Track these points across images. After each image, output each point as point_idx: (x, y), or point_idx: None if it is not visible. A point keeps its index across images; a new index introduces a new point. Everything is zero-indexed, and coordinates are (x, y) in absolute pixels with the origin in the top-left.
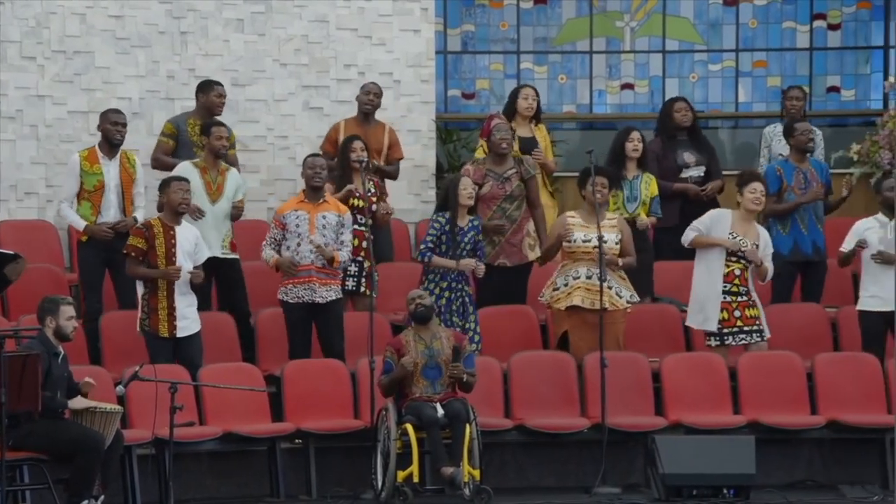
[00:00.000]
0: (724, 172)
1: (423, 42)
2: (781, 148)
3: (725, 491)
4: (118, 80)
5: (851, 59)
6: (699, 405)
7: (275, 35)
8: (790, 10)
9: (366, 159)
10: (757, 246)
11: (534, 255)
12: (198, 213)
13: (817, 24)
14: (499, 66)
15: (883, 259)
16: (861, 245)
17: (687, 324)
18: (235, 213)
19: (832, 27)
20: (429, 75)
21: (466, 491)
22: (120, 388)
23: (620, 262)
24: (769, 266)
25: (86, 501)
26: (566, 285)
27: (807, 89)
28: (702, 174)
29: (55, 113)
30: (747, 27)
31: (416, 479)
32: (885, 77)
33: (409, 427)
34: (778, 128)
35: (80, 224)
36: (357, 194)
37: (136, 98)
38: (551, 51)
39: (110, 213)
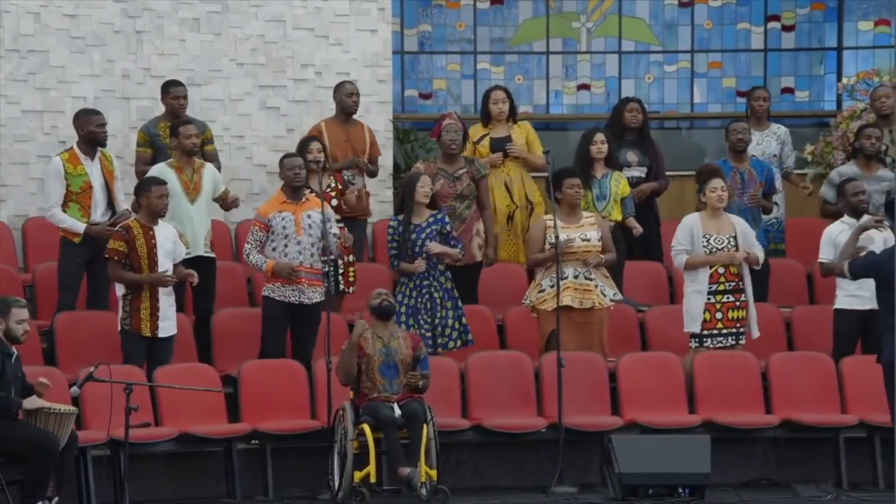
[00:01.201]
0: (682, 173)
1: (380, 42)
2: (751, 147)
3: (681, 490)
4: (73, 79)
5: (805, 61)
6: (655, 405)
7: (231, 34)
8: (745, 11)
9: (322, 160)
10: (735, 238)
11: (482, 255)
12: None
13: (771, 25)
14: (456, 66)
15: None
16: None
17: (685, 329)
18: (231, 205)
19: (786, 28)
20: (386, 75)
21: (423, 491)
22: (74, 389)
23: (603, 258)
24: (758, 253)
25: (40, 503)
26: (553, 286)
27: None
28: (643, 175)
29: (9, 112)
30: (702, 28)
31: (373, 480)
32: (839, 78)
33: (367, 427)
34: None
35: (79, 226)
36: (315, 193)
37: (91, 97)
38: (508, 51)
39: (98, 212)
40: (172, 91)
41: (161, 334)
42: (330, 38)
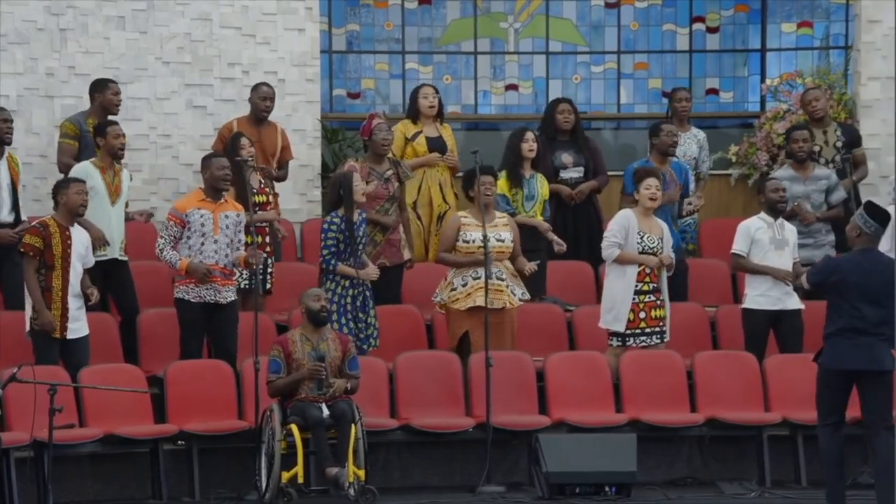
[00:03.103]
0: (609, 173)
1: (308, 41)
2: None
3: (607, 489)
4: None
5: (730, 62)
6: (582, 404)
7: (157, 33)
8: (670, 12)
9: (252, 157)
10: (662, 239)
11: (407, 254)
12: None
13: (696, 26)
14: (384, 66)
15: (797, 275)
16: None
17: (599, 324)
18: (141, 213)
19: (711, 30)
20: (314, 74)
21: (351, 491)
22: None
23: (532, 266)
24: (673, 259)
25: None
26: (465, 285)
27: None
28: (580, 175)
29: None
30: (629, 29)
31: (300, 480)
32: (763, 79)
33: (294, 427)
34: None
35: None
36: (254, 190)
37: (13, 96)
38: (436, 51)
39: (3, 212)
40: (112, 87)
41: (70, 336)
42: (257, 37)
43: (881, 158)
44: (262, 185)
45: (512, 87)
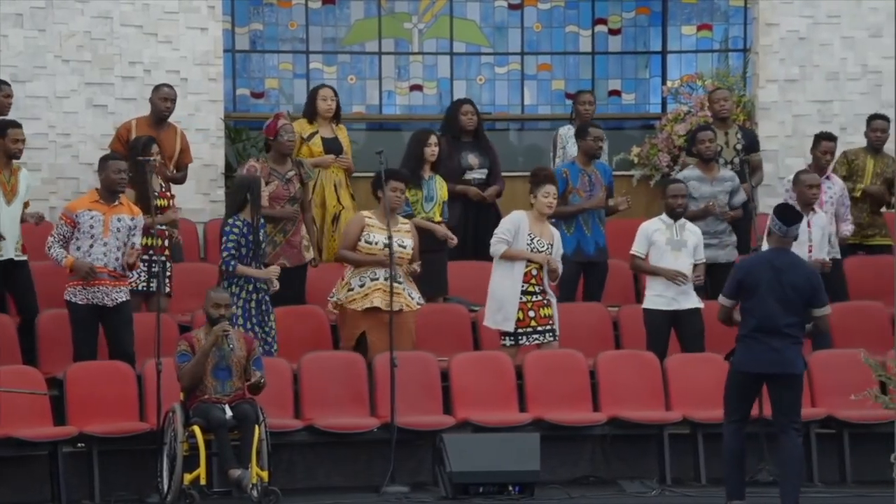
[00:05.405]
0: (513, 174)
1: (211, 40)
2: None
3: (511, 488)
4: None
5: (631, 64)
6: (486, 403)
7: (56, 30)
8: (573, 14)
9: (160, 161)
10: (552, 245)
11: (308, 255)
12: None
13: (599, 28)
14: (288, 65)
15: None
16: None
17: (485, 324)
18: (32, 215)
19: (613, 32)
20: (217, 74)
21: (254, 493)
22: None
23: (416, 268)
24: (560, 267)
25: None
26: (363, 286)
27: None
28: (484, 177)
29: None
30: (532, 31)
31: (203, 482)
32: (664, 81)
33: (197, 429)
34: (573, 130)
35: None
36: (155, 193)
37: None
38: (340, 51)
39: None
40: (4, 89)
41: None
42: (159, 36)
43: (779, 160)
44: (163, 189)
45: (416, 87)
